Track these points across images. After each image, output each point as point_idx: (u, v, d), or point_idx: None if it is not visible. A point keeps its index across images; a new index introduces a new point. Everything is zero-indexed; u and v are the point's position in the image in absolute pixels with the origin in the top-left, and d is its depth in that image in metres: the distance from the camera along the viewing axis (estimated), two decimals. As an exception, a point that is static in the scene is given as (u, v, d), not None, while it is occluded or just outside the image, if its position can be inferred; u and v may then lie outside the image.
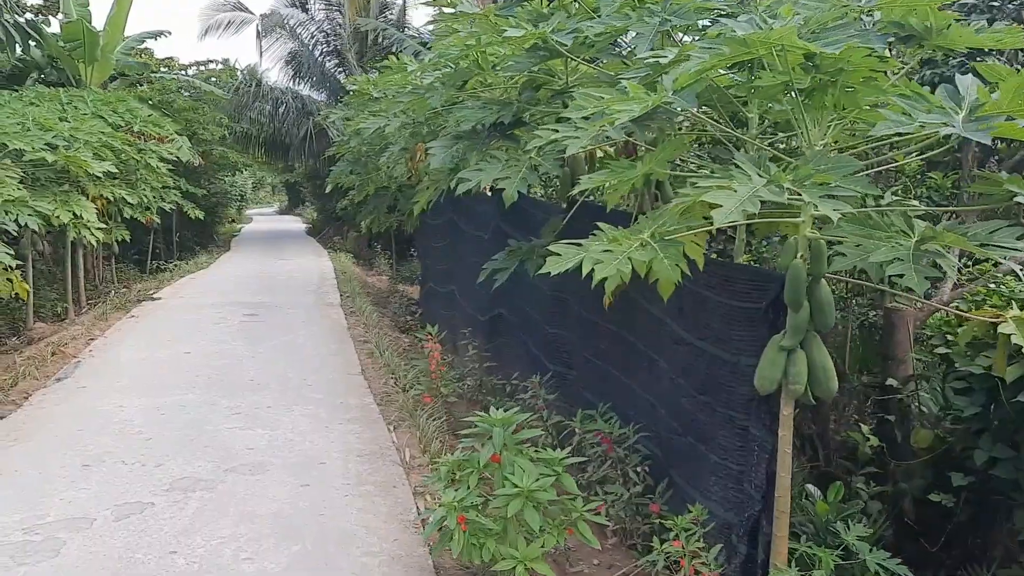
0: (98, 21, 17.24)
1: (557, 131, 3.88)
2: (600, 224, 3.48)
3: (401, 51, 20.66)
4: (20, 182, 7.67)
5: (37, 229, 7.80)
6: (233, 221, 36.29)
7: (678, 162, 5.31)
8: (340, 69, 27.64)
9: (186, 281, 15.69)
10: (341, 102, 27.39)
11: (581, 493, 3.82)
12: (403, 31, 23.73)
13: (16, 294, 7.68)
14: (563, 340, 6.28)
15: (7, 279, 7.38)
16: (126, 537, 4.24)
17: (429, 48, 18.91)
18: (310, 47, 27.82)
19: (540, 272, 3.29)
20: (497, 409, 3.80)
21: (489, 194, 10.20)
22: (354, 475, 5.18)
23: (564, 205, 7.08)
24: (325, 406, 6.76)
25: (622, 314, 5.28)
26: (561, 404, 5.88)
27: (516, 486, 3.38)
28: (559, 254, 3.41)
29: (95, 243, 10.47)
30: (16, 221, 7.51)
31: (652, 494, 4.51)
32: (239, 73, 26.71)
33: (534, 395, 5.90)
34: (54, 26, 17.39)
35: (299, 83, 28.74)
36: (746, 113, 4.02)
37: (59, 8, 17.18)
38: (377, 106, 10.76)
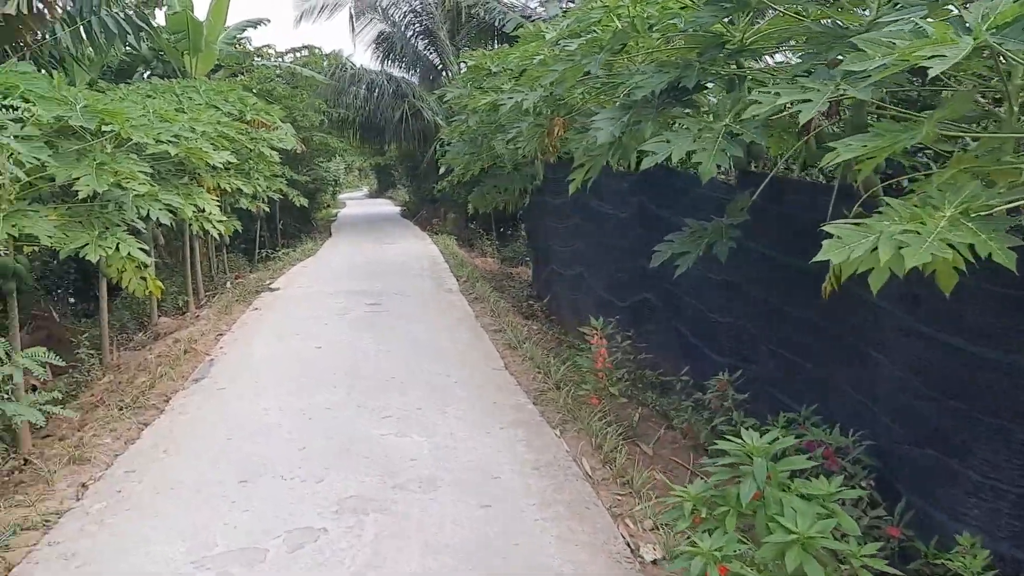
0: (199, 12, 17.16)
1: (777, 94, 3.23)
2: (888, 200, 2.77)
3: (502, 25, 20.03)
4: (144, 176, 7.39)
5: (168, 223, 7.50)
6: (328, 206, 36.55)
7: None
8: (431, 49, 27.25)
9: (298, 270, 15.53)
10: (433, 82, 27.26)
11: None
12: (500, 3, 23.03)
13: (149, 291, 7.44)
14: (736, 330, 5.58)
15: (140, 277, 7.10)
16: (305, 573, 3.79)
17: (531, 22, 18.14)
18: (402, 28, 27.49)
19: (818, 259, 2.62)
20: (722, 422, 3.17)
21: (624, 169, 9.53)
22: (536, 493, 4.63)
23: (732, 180, 6.37)
24: (478, 407, 6.25)
25: (819, 301, 4.57)
26: (743, 404, 5.21)
27: (791, 531, 2.74)
28: (835, 235, 2.72)
29: (217, 236, 10.24)
30: (147, 216, 7.23)
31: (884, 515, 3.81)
32: (334, 58, 26.56)
33: (719, 396, 5.25)
34: (157, 18, 17.42)
35: (390, 65, 28.55)
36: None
37: (161, 1, 17.19)
38: (495, 81, 10.21)
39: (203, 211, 9.61)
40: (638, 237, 7.46)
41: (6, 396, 4.98)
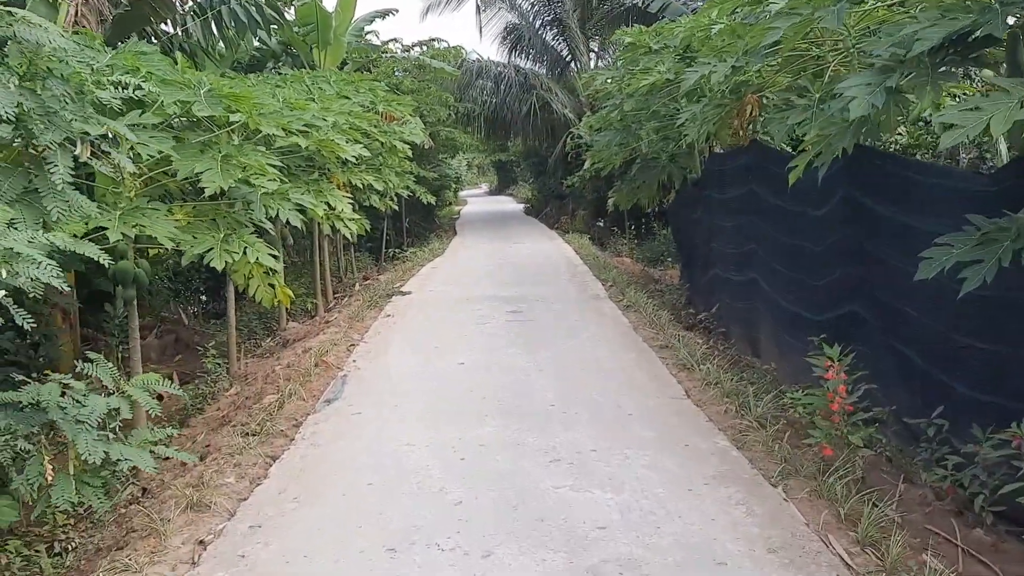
0: (328, 3, 16.59)
1: None
2: None
3: (645, 6, 18.69)
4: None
5: (299, 225, 6.64)
6: (451, 204, 36.08)
7: None
8: (560, 38, 26.14)
9: (428, 271, 14.71)
10: (561, 74, 26.14)
11: None
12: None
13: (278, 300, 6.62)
14: (1005, 359, 4.16)
15: (269, 284, 6.27)
16: None
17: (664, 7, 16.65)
18: (529, 17, 26.50)
19: None
20: None
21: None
22: (786, 594, 3.41)
23: (990, 168, 4.95)
24: (667, 451, 5.04)
25: None
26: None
27: None
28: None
29: (350, 236, 9.44)
30: (276, 217, 6.39)
31: None
32: (459, 51, 25.86)
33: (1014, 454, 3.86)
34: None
35: (517, 57, 27.64)
36: None
37: (287, -8, 16.74)
38: (656, 59, 8.96)
39: (334, 209, 8.79)
40: (842, 238, 6.07)
41: (113, 434, 4.14)
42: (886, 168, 5.46)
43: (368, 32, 20.77)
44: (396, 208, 15.87)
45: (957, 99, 6.76)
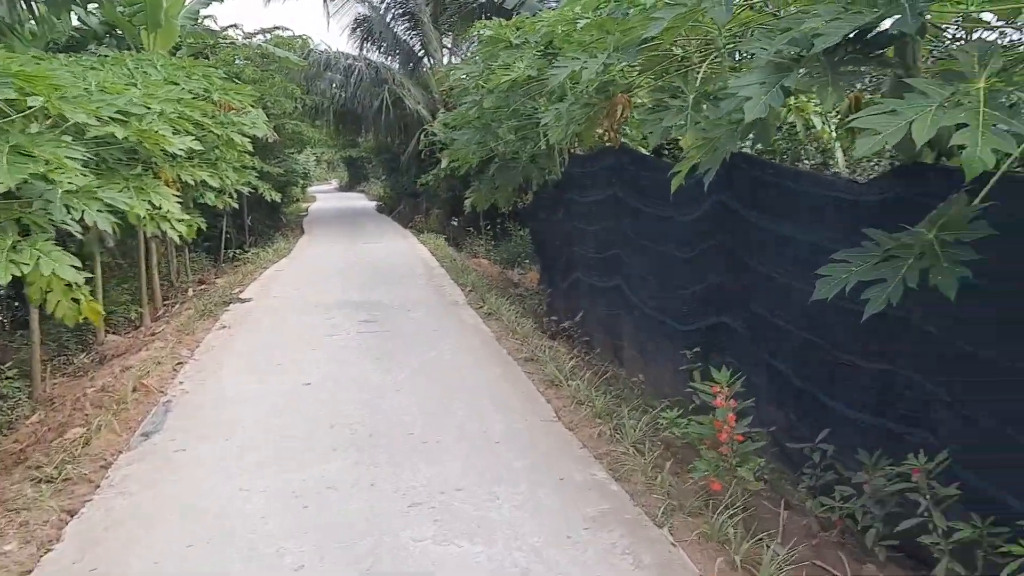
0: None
1: None
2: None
3: (500, 2, 18.24)
4: (84, 165, 5.55)
5: (110, 229, 5.67)
6: (299, 200, 34.55)
7: None
8: (413, 33, 25.40)
9: (272, 274, 13.63)
10: (414, 69, 25.40)
11: None
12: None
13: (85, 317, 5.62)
14: (891, 380, 3.93)
15: (72, 299, 5.28)
16: None
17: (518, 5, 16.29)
18: (380, 10, 25.58)
19: None
20: None
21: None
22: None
23: (865, 176, 4.76)
24: (542, 485, 4.50)
25: None
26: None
27: None
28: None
29: (178, 238, 8.39)
30: (82, 220, 5.40)
31: None
32: (305, 41, 24.55)
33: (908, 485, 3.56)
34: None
35: (368, 49, 26.67)
36: None
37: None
38: (517, 54, 8.48)
39: (159, 209, 7.75)
40: (712, 245, 5.79)
41: None
42: (760, 174, 5.18)
43: (206, 17, 19.24)
44: (236, 206, 14.64)
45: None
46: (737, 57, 6.38)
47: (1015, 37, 4.62)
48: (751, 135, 3.89)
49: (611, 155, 7.74)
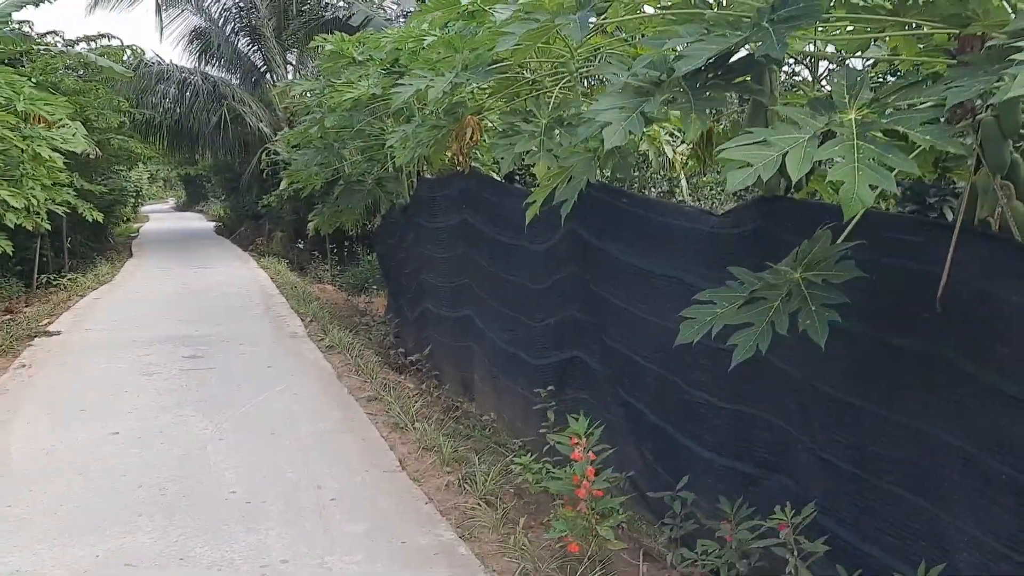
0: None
1: None
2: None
3: (346, 19, 17.63)
4: None
5: None
6: (129, 220, 32.30)
7: None
8: (254, 47, 24.31)
9: (89, 303, 12.35)
10: (256, 85, 24.30)
11: None
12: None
13: None
14: (750, 421, 3.75)
15: None
16: None
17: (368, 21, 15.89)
18: (220, 22, 24.34)
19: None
20: None
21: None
22: None
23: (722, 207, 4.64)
24: (380, 553, 3.98)
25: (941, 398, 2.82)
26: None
27: None
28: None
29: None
30: None
31: None
32: (139, 51, 22.94)
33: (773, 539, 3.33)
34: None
35: (207, 64, 25.28)
36: None
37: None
38: (361, 71, 8.01)
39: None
40: (566, 277, 5.54)
41: None
42: (614, 202, 4.94)
43: (22, 22, 17.47)
44: (49, 227, 13.24)
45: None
46: (589, 83, 6.20)
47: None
48: (610, 164, 3.59)
49: (461, 180, 7.40)
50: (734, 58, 3.19)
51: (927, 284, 2.70)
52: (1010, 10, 2.66)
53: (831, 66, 5.77)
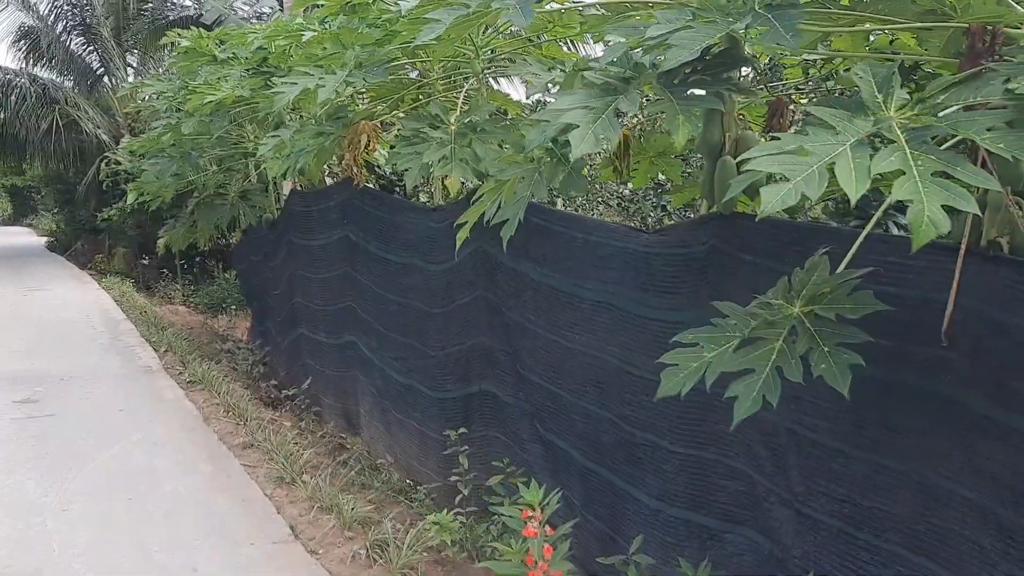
0: None
1: None
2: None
3: (196, 17, 16.30)
4: None
5: None
6: (-55, 237, 29.11)
7: None
8: (90, 48, 22.34)
9: None
10: (92, 88, 22.33)
11: None
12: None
13: None
14: (707, 466, 3.29)
15: None
16: None
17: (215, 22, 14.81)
18: (49, 20, 22.21)
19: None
20: None
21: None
22: None
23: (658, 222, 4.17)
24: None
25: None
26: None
27: None
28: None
29: None
30: None
31: None
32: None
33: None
34: None
35: (35, 65, 23.04)
36: None
37: None
38: (225, 70, 7.13)
39: None
40: (474, 301, 4.97)
41: None
42: (530, 219, 4.37)
43: None
44: None
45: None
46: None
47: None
48: (559, 177, 3.01)
49: (342, 192, 6.68)
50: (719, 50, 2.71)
51: (931, 313, 2.31)
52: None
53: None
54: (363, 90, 5.82)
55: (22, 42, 22.77)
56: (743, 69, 3.87)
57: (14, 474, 5.30)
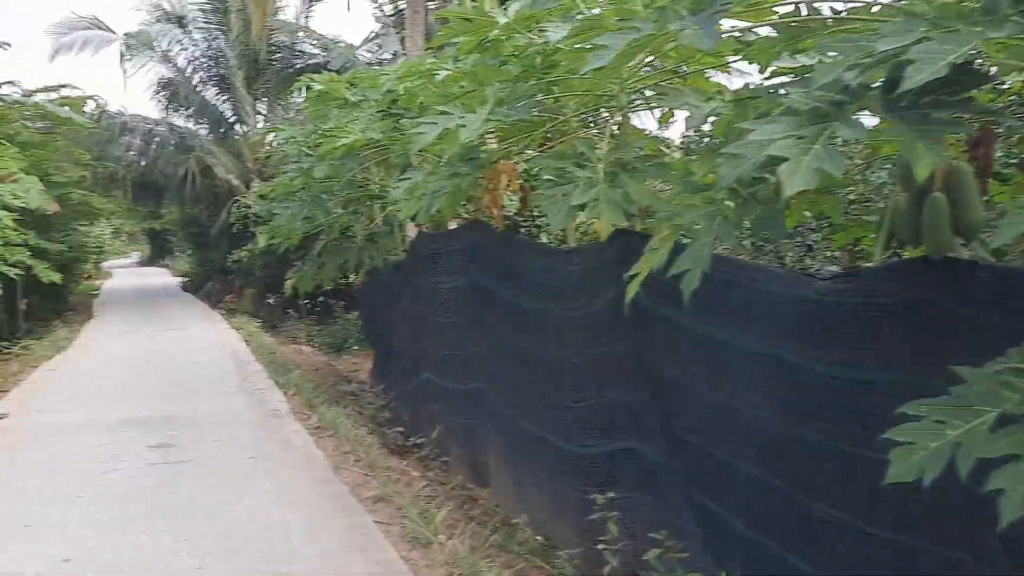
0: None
1: None
2: None
3: (324, 64, 16.78)
4: None
5: None
6: (90, 277, 30.92)
7: None
8: (224, 97, 23.38)
9: (44, 376, 11.09)
10: (225, 136, 23.32)
11: None
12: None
13: None
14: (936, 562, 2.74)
15: None
16: None
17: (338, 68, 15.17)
18: (187, 71, 23.41)
19: None
20: None
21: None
22: None
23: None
24: None
25: None
26: None
27: None
28: None
29: None
30: None
31: None
32: (102, 102, 21.87)
33: None
34: None
35: (174, 114, 24.34)
36: None
37: None
38: (356, 113, 7.07)
39: None
40: (618, 351, 4.56)
41: None
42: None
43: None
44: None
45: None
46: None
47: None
48: (750, 217, 2.61)
49: (470, 233, 6.47)
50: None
51: None
52: None
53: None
54: (490, 131, 5.60)
55: (162, 93, 24.10)
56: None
57: (151, 524, 5.23)
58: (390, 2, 17.41)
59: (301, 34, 21.00)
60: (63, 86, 19.59)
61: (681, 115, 4.58)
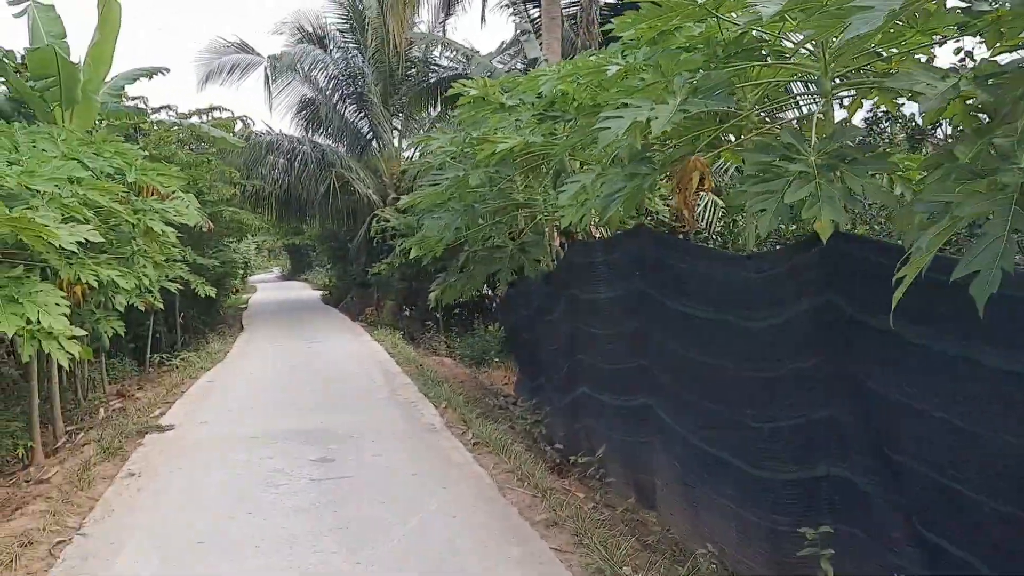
0: (76, 54, 13.15)
1: None
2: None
3: (464, 73, 16.79)
4: None
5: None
6: (238, 291, 32.30)
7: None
8: (362, 114, 23.86)
9: (203, 387, 11.42)
10: (362, 152, 23.80)
11: None
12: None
13: None
14: None
15: None
16: None
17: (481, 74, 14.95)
18: (327, 91, 24.06)
19: None
20: None
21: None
22: None
23: None
24: None
25: None
26: None
27: None
28: None
29: (66, 363, 6.32)
30: None
31: None
32: (249, 122, 22.74)
33: None
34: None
35: (315, 133, 25.10)
36: None
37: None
38: (512, 117, 6.81)
39: (37, 324, 5.72)
40: (819, 367, 4.04)
41: None
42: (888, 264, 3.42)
43: (135, 98, 17.32)
44: (161, 306, 12.50)
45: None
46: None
47: None
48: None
49: (633, 242, 6.08)
50: None
51: None
52: None
53: None
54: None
55: (303, 112, 24.90)
56: None
57: (320, 543, 5.08)
58: (524, 11, 17.27)
59: (439, 48, 21.17)
60: (214, 108, 20.55)
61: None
